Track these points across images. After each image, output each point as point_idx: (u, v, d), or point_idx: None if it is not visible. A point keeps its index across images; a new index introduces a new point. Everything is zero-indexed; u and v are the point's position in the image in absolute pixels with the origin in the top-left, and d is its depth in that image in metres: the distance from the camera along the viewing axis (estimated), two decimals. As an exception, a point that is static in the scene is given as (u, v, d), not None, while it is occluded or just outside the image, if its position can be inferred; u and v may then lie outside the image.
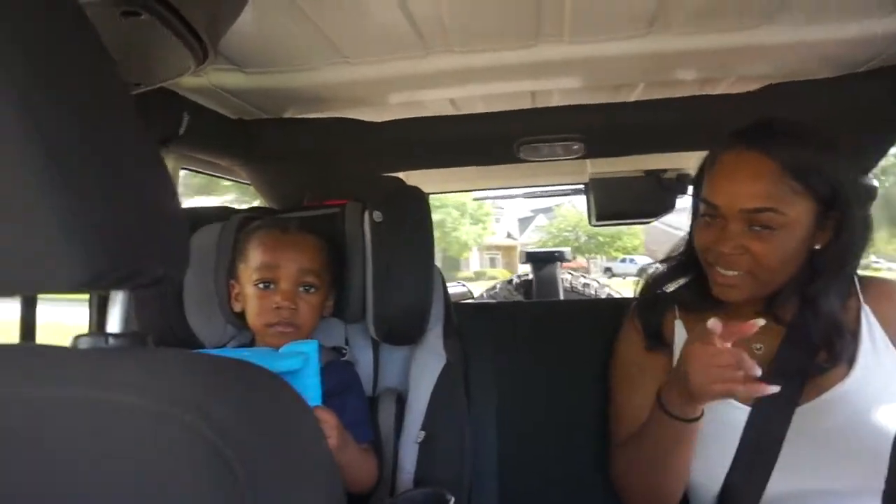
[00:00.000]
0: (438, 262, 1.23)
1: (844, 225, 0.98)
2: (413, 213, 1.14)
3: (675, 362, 1.09)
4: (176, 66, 0.86)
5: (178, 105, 1.23)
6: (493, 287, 3.36)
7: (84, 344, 0.49)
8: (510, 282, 3.27)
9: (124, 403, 0.40)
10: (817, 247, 1.00)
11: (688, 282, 1.12)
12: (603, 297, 3.24)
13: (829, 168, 0.96)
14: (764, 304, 1.05)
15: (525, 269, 3.21)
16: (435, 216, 1.25)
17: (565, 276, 3.15)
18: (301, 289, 1.08)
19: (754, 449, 0.99)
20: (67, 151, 0.42)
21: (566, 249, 3.13)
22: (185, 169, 1.52)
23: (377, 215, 1.11)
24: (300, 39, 1.19)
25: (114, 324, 0.50)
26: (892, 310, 1.04)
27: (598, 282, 3.36)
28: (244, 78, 1.34)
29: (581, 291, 3.16)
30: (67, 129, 0.43)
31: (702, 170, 1.08)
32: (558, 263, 3.05)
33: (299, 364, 0.87)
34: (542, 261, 3.06)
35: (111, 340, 0.49)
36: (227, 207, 1.27)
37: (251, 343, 1.16)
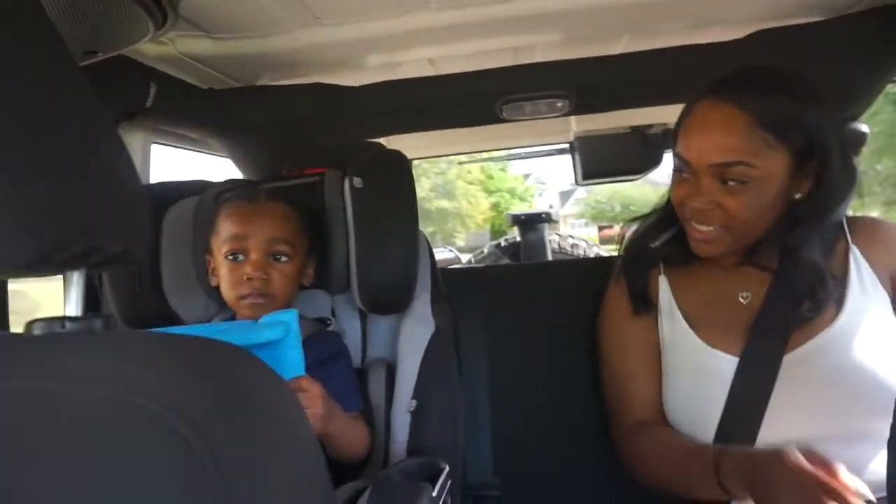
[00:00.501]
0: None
1: (824, 174, 0.96)
2: (395, 178, 1.11)
3: (660, 318, 1.10)
4: (134, 32, 0.81)
5: (143, 75, 1.18)
6: (481, 251, 3.34)
7: (39, 330, 0.46)
8: (498, 245, 3.25)
9: (80, 394, 0.37)
10: (797, 196, 0.98)
11: (670, 237, 1.10)
12: (591, 256, 3.23)
13: (806, 117, 0.93)
14: (743, 253, 1.04)
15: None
16: (492, 199, 1.22)
17: (553, 238, 3.13)
18: (272, 258, 1.06)
19: (743, 398, 0.98)
20: (5, 126, 0.38)
21: (553, 210, 3.10)
22: (157, 143, 1.47)
23: (357, 181, 1.07)
24: (270, 1, 1.13)
25: (71, 307, 0.47)
26: (880, 249, 1.03)
27: (587, 242, 3.34)
28: (213, 44, 1.28)
29: (569, 252, 3.15)
30: (4, 101, 0.39)
31: (678, 123, 1.06)
32: (545, 225, 3.03)
33: (280, 334, 0.85)
34: (529, 223, 3.03)
35: (68, 325, 0.46)
36: (203, 181, 1.23)
37: (234, 318, 1.13)
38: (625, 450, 1.10)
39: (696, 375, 1.03)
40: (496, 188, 16.32)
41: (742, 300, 1.05)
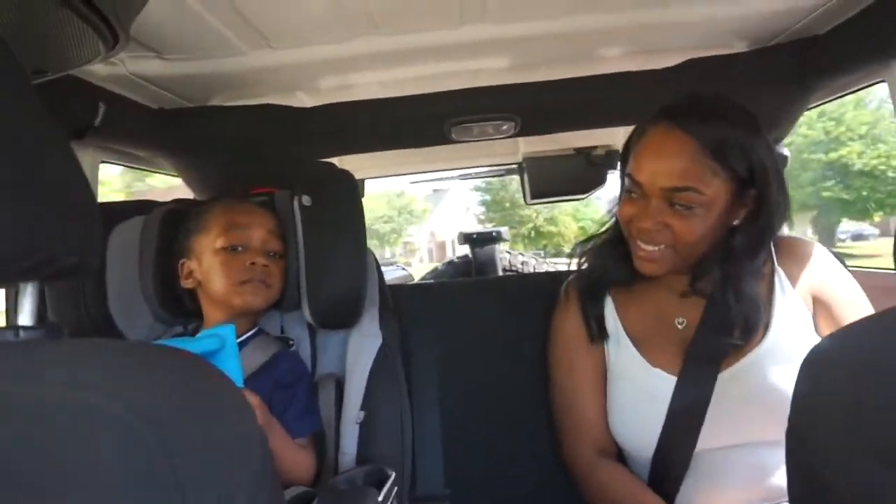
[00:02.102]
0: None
1: (763, 204, 1.01)
2: (342, 196, 1.13)
3: (608, 339, 1.13)
4: (84, 53, 0.82)
5: (92, 94, 1.18)
6: (434, 269, 3.38)
7: None
8: (450, 262, 3.29)
9: (37, 397, 0.38)
10: (735, 222, 1.03)
11: (617, 257, 1.14)
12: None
13: (748, 147, 0.98)
14: (688, 280, 1.08)
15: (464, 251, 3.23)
16: (579, 224, 1.23)
17: (503, 255, 3.19)
18: (269, 253, 1.11)
19: (682, 415, 1.03)
20: None
21: (503, 229, 3.16)
22: (106, 162, 1.46)
23: (306, 199, 1.09)
24: (221, 24, 1.15)
25: (25, 316, 0.48)
26: (802, 270, 1.09)
27: (536, 259, 3.41)
28: (163, 65, 1.29)
29: (519, 269, 3.21)
30: None
31: (628, 145, 1.11)
32: (496, 244, 3.09)
33: (215, 345, 0.86)
34: (481, 241, 3.09)
35: (22, 333, 0.47)
36: (146, 200, 1.23)
37: (181, 334, 1.14)
38: (581, 477, 1.13)
39: (638, 394, 1.08)
40: (582, 216, 23.25)
41: (678, 325, 1.10)
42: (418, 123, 1.62)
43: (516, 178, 2.56)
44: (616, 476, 1.08)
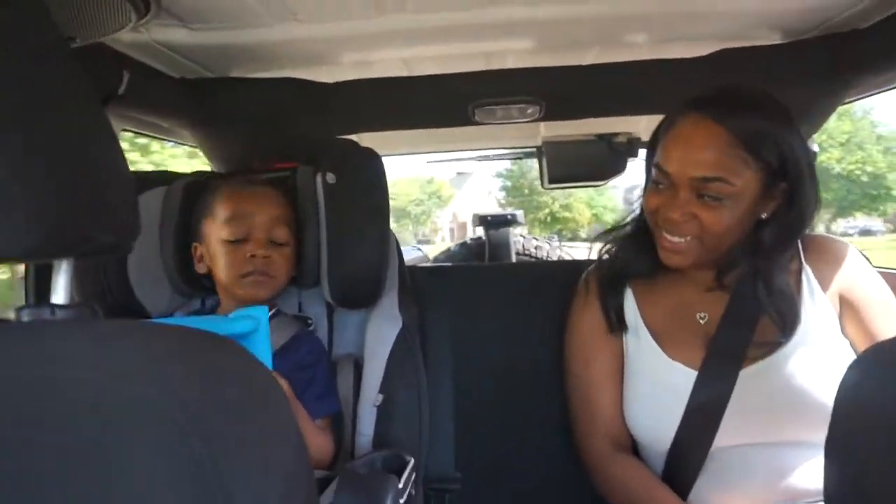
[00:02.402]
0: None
1: (796, 197, 0.99)
2: (367, 174, 1.12)
3: (626, 332, 1.12)
4: (116, 20, 0.81)
5: (117, 63, 1.17)
6: (448, 250, 3.37)
7: (27, 316, 0.46)
8: (464, 244, 3.28)
9: (77, 380, 0.38)
10: (763, 216, 1.02)
11: (639, 249, 1.13)
12: (555, 258, 3.29)
13: (781, 139, 0.97)
14: (714, 273, 1.07)
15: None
16: (593, 211, 1.21)
17: (517, 239, 3.17)
18: (272, 242, 1.08)
19: (700, 411, 1.02)
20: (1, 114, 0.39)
21: (519, 212, 3.14)
22: (127, 130, 1.46)
23: (330, 177, 1.08)
24: (247, -6, 1.14)
25: (59, 294, 0.48)
26: (830, 269, 1.07)
27: (550, 244, 3.39)
28: (188, 34, 1.28)
29: (533, 253, 3.20)
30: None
31: (656, 135, 1.09)
32: (511, 227, 3.07)
33: (250, 327, 0.86)
34: (496, 224, 3.07)
35: (57, 312, 0.47)
36: (169, 171, 1.23)
37: (199, 311, 1.14)
38: (596, 469, 1.13)
39: (657, 386, 1.07)
40: (595, 204, 25.07)
41: (700, 320, 1.09)
42: (442, 104, 1.60)
43: (535, 165, 2.53)
44: (630, 470, 1.08)
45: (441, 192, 29.66)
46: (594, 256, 1.23)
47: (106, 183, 0.47)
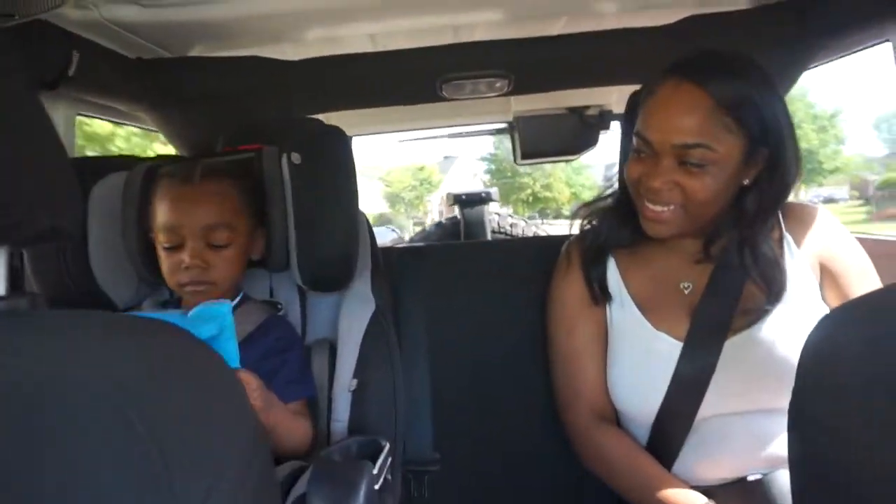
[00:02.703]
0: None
1: (778, 162, 0.98)
2: (334, 154, 1.08)
3: (610, 302, 1.11)
4: (54, -6, 0.76)
5: (65, 42, 1.11)
6: (423, 230, 3.35)
7: None
8: (439, 224, 3.25)
9: (16, 372, 0.35)
10: (745, 182, 1.00)
11: (621, 220, 1.11)
12: (530, 236, 3.28)
13: (763, 104, 0.95)
14: (700, 243, 1.05)
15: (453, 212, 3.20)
16: (572, 190, 1.17)
17: (493, 217, 3.16)
18: (210, 246, 1.00)
19: (685, 381, 1.01)
20: None
21: (493, 189, 3.12)
22: (82, 115, 1.40)
23: (296, 157, 1.04)
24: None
25: None
26: (810, 236, 1.07)
27: (525, 221, 3.38)
28: (140, 11, 1.22)
29: (508, 231, 3.19)
30: None
31: (634, 103, 1.07)
32: (486, 205, 3.05)
33: (214, 331, 0.82)
34: (470, 202, 3.05)
35: None
36: (131, 156, 1.18)
37: (167, 301, 1.10)
38: (579, 439, 1.12)
39: (642, 357, 1.06)
40: (574, 183, 27.57)
41: (684, 290, 1.07)
42: (409, 80, 1.57)
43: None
44: (614, 440, 1.07)
45: (431, 178, 31.15)
46: (575, 232, 1.22)
47: (40, 165, 0.44)
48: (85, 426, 0.35)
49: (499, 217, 3.21)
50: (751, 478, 0.99)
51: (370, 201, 28.16)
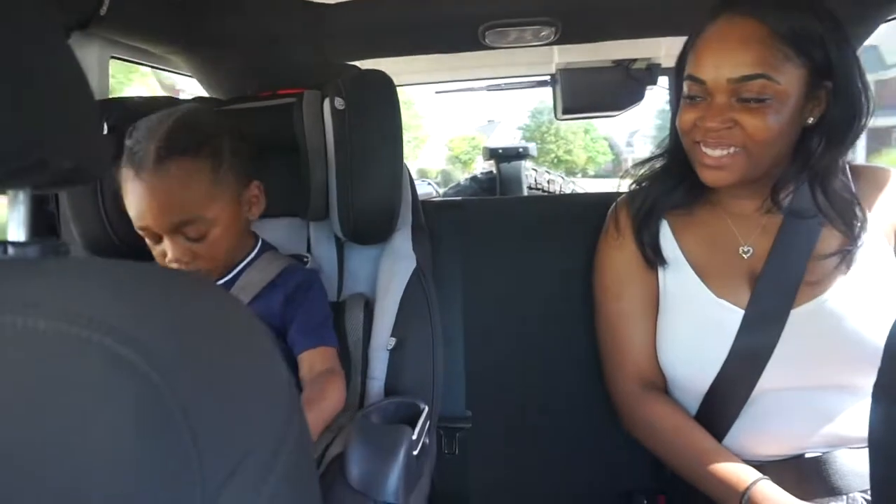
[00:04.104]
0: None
1: (844, 97, 0.91)
2: (380, 100, 1.03)
3: (664, 266, 1.05)
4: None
5: None
6: (457, 184, 3.28)
7: None
8: (474, 178, 3.18)
9: (25, 327, 0.32)
10: (810, 121, 0.93)
11: (675, 179, 1.05)
12: (568, 192, 3.20)
13: (826, 34, 0.88)
14: (762, 196, 0.98)
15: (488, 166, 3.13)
16: (587, 154, 1.15)
17: (529, 173, 3.08)
18: (187, 240, 0.91)
19: (745, 352, 0.96)
20: None
21: (531, 145, 3.03)
22: (116, 58, 1.36)
23: (339, 102, 0.99)
24: None
25: (15, 230, 0.42)
26: (883, 199, 0.99)
27: (563, 178, 3.29)
28: None
29: (546, 188, 3.11)
30: None
31: (683, 52, 1.00)
32: (522, 160, 2.97)
33: None
34: (507, 157, 2.97)
35: (11, 250, 0.41)
36: (167, 97, 1.14)
37: None
38: (625, 407, 1.08)
39: (699, 325, 1.00)
40: (592, 150, 33.17)
41: (743, 254, 1.01)
42: (450, 26, 1.50)
43: (547, 118, 2.40)
44: (663, 409, 1.03)
45: (479, 144, 36.99)
46: (623, 190, 1.16)
47: (61, 103, 0.41)
48: (104, 387, 0.32)
49: (536, 173, 3.12)
50: (808, 455, 0.95)
51: (438, 161, 33.21)
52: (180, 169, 0.88)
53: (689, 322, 1.02)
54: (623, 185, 1.17)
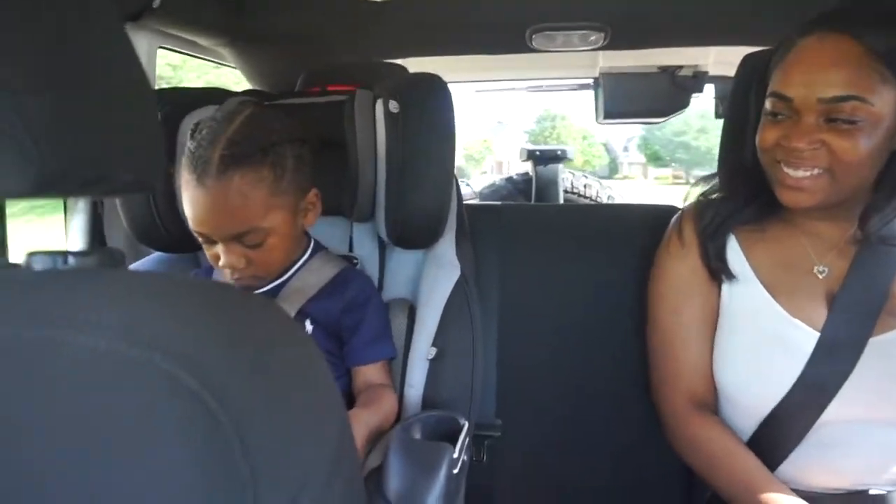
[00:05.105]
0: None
1: None
2: (435, 105, 1.01)
3: (728, 282, 1.01)
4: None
5: None
6: (493, 184, 3.24)
7: (39, 264, 0.39)
8: (509, 178, 3.14)
9: (85, 346, 0.31)
10: None
11: (747, 196, 1.01)
12: (604, 198, 3.16)
13: None
14: (845, 218, 0.94)
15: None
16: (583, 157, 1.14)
17: (565, 176, 3.03)
18: (245, 246, 0.90)
19: (818, 377, 0.92)
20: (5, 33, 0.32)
21: (569, 147, 2.98)
22: (164, 48, 1.37)
23: (394, 105, 0.97)
24: None
25: (75, 239, 0.41)
26: None
27: (601, 182, 3.24)
28: None
29: (582, 192, 3.06)
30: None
31: (768, 63, 0.95)
32: (560, 163, 2.92)
33: None
34: (544, 159, 2.92)
35: (71, 260, 0.40)
36: (218, 89, 1.14)
37: None
38: (673, 425, 1.05)
39: (768, 344, 0.96)
40: (587, 153, 32.49)
41: (818, 274, 0.96)
42: (497, 27, 1.48)
43: (551, 125, 2.35)
44: (714, 431, 0.99)
45: (490, 146, 38.39)
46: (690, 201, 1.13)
47: (126, 113, 0.40)
48: (162, 414, 0.31)
49: (573, 177, 3.08)
50: (872, 492, 0.91)
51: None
52: (244, 179, 0.85)
53: (756, 341, 0.97)
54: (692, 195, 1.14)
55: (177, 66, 4.35)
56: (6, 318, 0.34)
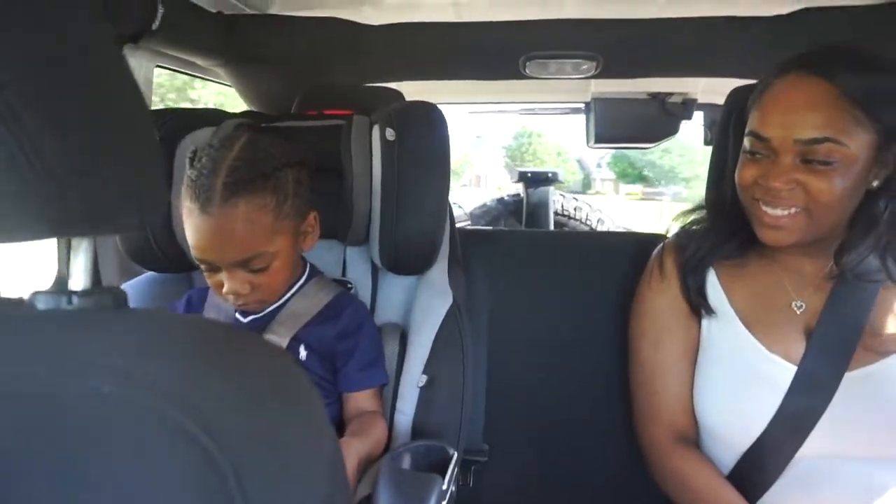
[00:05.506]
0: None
1: None
2: (431, 133, 1.02)
3: (707, 317, 1.03)
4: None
5: None
6: (484, 205, 3.27)
7: (43, 303, 0.40)
8: (500, 200, 3.17)
9: (85, 388, 0.32)
10: (874, 184, 0.90)
11: (727, 231, 1.03)
12: (594, 221, 3.18)
13: None
14: (822, 255, 0.95)
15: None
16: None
17: (556, 198, 3.06)
18: (248, 271, 0.90)
19: (795, 411, 0.93)
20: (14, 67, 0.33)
21: (559, 170, 3.02)
22: (161, 67, 1.38)
23: (390, 133, 0.98)
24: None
25: (78, 278, 0.41)
26: None
27: (590, 205, 3.27)
28: None
29: (572, 214, 3.09)
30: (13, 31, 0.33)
31: (745, 102, 0.98)
32: (551, 186, 2.95)
33: None
34: (535, 181, 2.95)
35: (75, 300, 0.40)
36: (216, 110, 1.15)
37: None
38: (655, 459, 1.06)
39: (747, 379, 0.98)
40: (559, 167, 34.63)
41: (796, 309, 0.98)
42: (490, 54, 1.50)
43: (528, 141, 2.39)
44: (695, 465, 1.00)
45: (470, 160, 38.66)
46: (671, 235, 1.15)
47: (133, 149, 0.40)
48: (163, 458, 0.32)
49: (563, 199, 3.11)
50: None
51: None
52: (248, 205, 0.85)
53: (735, 375, 0.99)
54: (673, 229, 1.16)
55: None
56: (8, 358, 0.34)
